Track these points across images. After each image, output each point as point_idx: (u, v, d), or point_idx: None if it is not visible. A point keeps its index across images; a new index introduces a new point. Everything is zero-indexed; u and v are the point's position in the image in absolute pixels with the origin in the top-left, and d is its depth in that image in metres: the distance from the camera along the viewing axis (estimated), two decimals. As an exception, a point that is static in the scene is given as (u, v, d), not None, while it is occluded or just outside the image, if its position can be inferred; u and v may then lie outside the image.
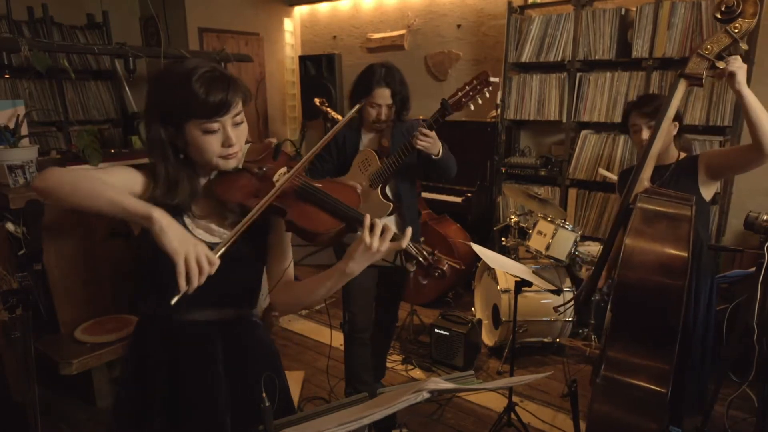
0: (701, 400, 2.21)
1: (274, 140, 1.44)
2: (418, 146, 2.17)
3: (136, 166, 1.25)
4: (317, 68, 5.03)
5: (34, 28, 3.99)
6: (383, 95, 2.28)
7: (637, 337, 1.63)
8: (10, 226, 2.55)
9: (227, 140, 1.18)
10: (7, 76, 3.91)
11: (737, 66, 1.72)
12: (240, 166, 1.27)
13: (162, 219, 1.05)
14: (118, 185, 1.15)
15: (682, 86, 1.82)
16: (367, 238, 1.15)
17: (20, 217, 2.56)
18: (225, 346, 1.31)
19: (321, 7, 5.34)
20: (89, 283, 2.92)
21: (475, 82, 2.14)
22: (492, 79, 2.14)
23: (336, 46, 5.26)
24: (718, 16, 1.71)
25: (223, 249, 1.10)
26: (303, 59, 5.12)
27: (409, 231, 1.19)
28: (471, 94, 2.14)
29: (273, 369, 1.40)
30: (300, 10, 5.51)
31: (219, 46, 4.87)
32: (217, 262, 1.07)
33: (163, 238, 1.03)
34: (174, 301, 1.03)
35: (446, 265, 1.21)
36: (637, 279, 1.58)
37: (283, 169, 1.31)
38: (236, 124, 1.20)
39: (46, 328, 2.81)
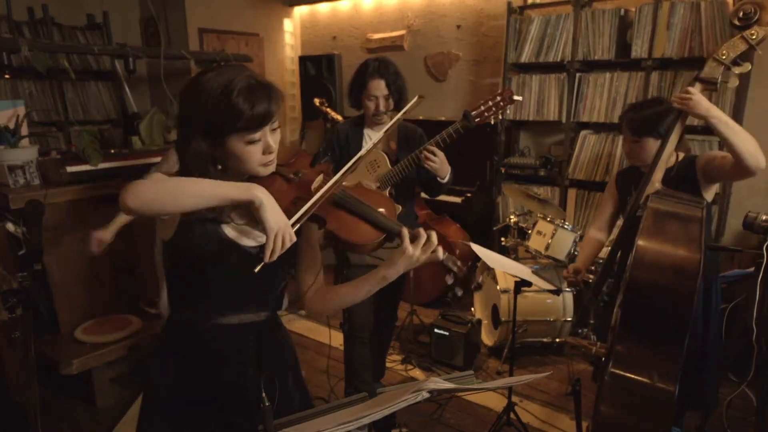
0: (709, 399, 2.22)
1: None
2: (426, 165, 2.18)
3: None
4: (317, 68, 5.02)
5: (35, 29, 3.99)
6: (378, 86, 2.32)
7: (646, 336, 1.63)
8: (10, 226, 2.55)
9: (268, 148, 1.20)
10: (7, 76, 3.91)
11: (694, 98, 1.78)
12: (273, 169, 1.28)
13: (261, 193, 1.10)
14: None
15: (696, 89, 1.84)
16: (410, 249, 1.22)
17: (20, 217, 2.57)
18: (258, 343, 1.34)
19: (321, 8, 5.34)
20: (89, 283, 2.93)
21: (498, 98, 2.15)
22: (515, 97, 2.17)
23: (336, 46, 5.26)
24: (736, 22, 1.73)
25: (297, 224, 1.16)
26: (303, 59, 5.12)
27: (440, 248, 1.25)
28: (494, 109, 2.16)
29: (294, 366, 1.47)
30: (300, 11, 5.51)
31: (219, 47, 4.87)
32: (295, 239, 1.13)
33: (263, 214, 1.09)
34: (258, 269, 1.10)
35: (481, 278, 1.26)
36: (648, 279, 1.58)
37: (320, 176, 1.29)
38: (273, 130, 1.21)
39: (46, 328, 2.82)
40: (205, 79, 1.16)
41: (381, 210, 1.27)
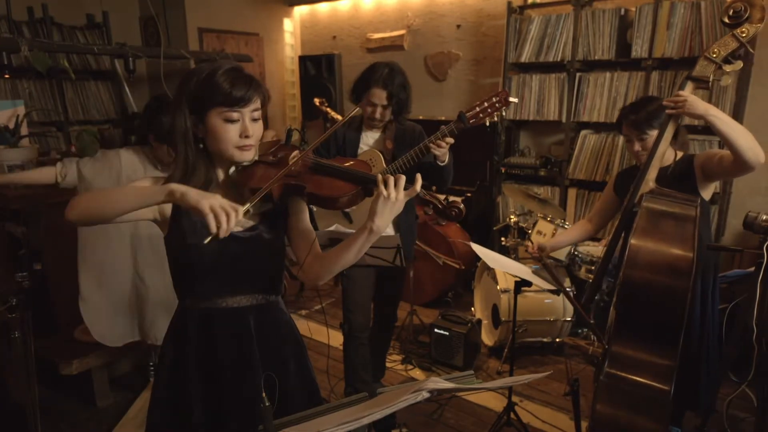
0: (708, 400, 2.22)
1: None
2: (433, 150, 2.15)
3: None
4: (317, 68, 5.03)
5: (34, 29, 3.99)
6: (379, 96, 2.29)
7: (641, 336, 1.63)
8: (10, 226, 2.55)
9: (245, 131, 1.27)
10: (7, 76, 3.91)
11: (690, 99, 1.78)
12: (257, 158, 1.37)
13: (179, 187, 1.16)
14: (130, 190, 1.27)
15: (688, 89, 1.83)
16: (384, 191, 1.24)
17: (20, 217, 2.57)
18: (257, 326, 1.39)
19: (321, 7, 5.33)
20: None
21: (494, 99, 2.13)
22: (511, 99, 2.15)
23: (336, 46, 5.26)
24: (726, 20, 1.73)
25: (247, 205, 1.19)
26: (303, 59, 5.12)
27: (419, 177, 1.28)
28: (489, 111, 2.13)
29: (300, 355, 1.51)
30: (300, 10, 5.51)
31: (219, 47, 4.87)
32: (241, 209, 1.16)
33: (186, 199, 1.14)
34: (207, 241, 1.12)
35: (462, 204, 1.33)
36: (642, 278, 1.58)
37: (296, 152, 1.43)
38: (254, 120, 1.29)
39: (46, 328, 2.81)
40: (197, 66, 1.31)
41: (355, 168, 1.38)
